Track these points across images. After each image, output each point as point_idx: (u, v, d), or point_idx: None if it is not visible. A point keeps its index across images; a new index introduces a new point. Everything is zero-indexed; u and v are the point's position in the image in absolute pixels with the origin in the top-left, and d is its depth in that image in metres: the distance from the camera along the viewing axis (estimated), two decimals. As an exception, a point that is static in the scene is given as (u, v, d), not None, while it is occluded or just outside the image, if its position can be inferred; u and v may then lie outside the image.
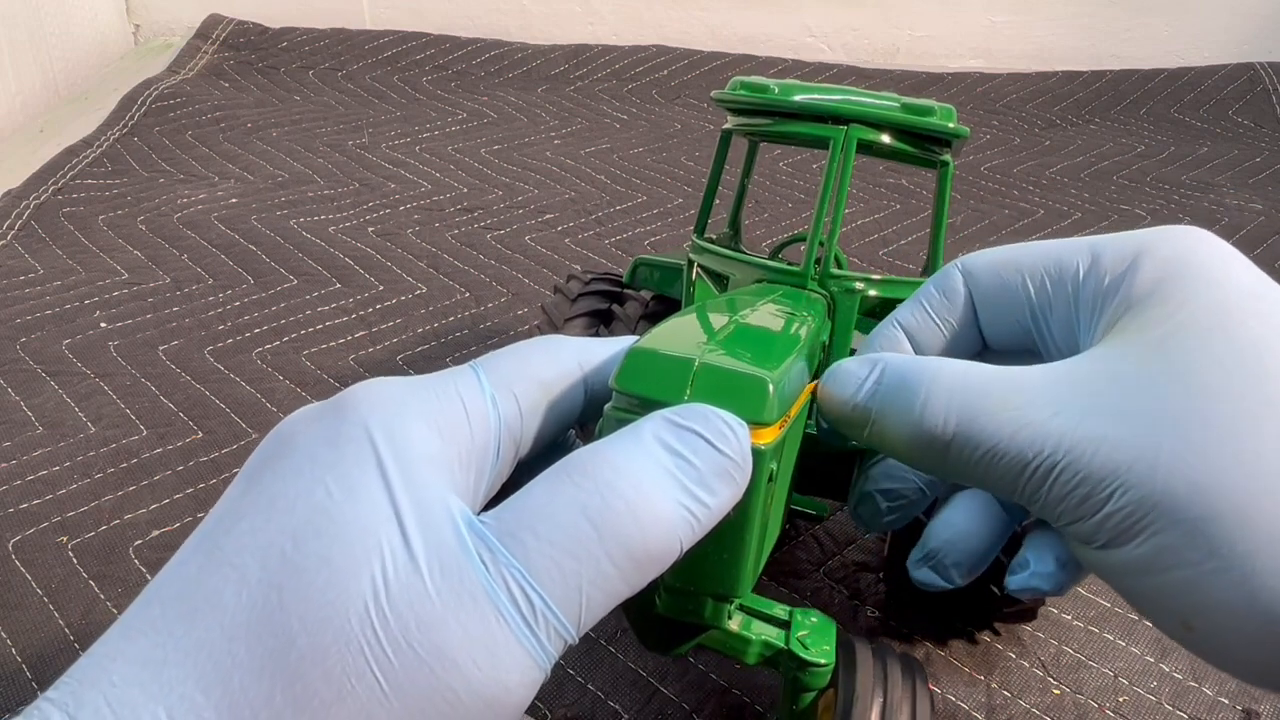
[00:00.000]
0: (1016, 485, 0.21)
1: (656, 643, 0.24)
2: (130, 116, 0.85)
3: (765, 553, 0.23)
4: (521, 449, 0.22)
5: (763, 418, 0.20)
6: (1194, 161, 0.84)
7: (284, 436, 0.19)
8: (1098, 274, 0.23)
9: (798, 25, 1.13)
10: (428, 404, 0.20)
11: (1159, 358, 0.20)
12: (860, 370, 0.24)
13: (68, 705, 0.16)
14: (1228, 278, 0.22)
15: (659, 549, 0.18)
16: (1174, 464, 0.19)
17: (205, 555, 0.18)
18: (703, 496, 0.19)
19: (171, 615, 0.17)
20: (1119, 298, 0.22)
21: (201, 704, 0.16)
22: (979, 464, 0.22)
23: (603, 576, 0.18)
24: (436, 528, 0.18)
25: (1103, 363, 0.21)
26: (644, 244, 0.66)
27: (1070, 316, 0.24)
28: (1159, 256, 0.23)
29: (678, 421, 0.19)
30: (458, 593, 0.17)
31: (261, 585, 0.17)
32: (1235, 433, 0.19)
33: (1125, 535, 0.20)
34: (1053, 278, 0.25)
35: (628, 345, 0.21)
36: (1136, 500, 0.19)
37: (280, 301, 0.56)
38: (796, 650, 0.23)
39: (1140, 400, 0.20)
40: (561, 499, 0.18)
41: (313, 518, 0.18)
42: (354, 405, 0.19)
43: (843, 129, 0.31)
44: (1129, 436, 0.20)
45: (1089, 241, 0.24)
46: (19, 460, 0.42)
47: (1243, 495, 0.19)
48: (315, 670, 0.16)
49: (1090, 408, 0.20)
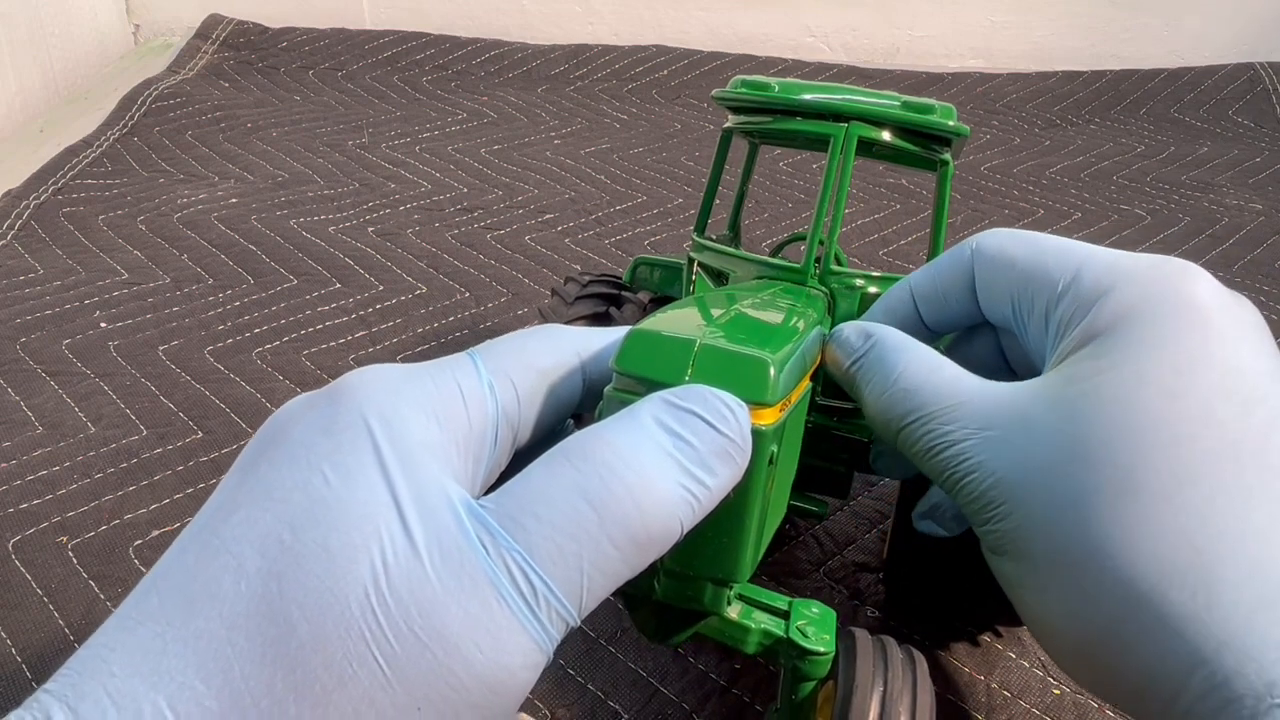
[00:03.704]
0: (939, 481, 0.25)
1: (655, 631, 0.24)
2: (130, 116, 0.85)
3: (766, 539, 0.23)
4: (519, 437, 0.22)
5: (764, 398, 0.20)
6: (1194, 161, 0.84)
7: (279, 425, 0.19)
8: (1072, 296, 0.24)
9: (798, 25, 1.13)
10: (424, 391, 0.20)
11: (1068, 417, 0.22)
12: (856, 340, 0.27)
13: (67, 697, 0.16)
14: (1179, 336, 0.22)
15: (659, 530, 0.18)
16: (1038, 512, 0.22)
17: (203, 545, 0.18)
18: (702, 477, 0.19)
19: (170, 605, 0.17)
20: (1082, 326, 0.24)
21: (203, 693, 0.16)
22: (916, 456, 0.25)
23: (604, 558, 0.18)
24: (436, 513, 0.18)
25: (1031, 401, 0.23)
26: (644, 244, 0.66)
27: (1041, 328, 0.25)
28: (1130, 294, 0.23)
29: (676, 402, 0.19)
30: (458, 577, 0.17)
31: (260, 574, 0.17)
32: (1091, 503, 0.21)
33: (999, 551, 0.23)
34: (1035, 288, 0.26)
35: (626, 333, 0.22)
36: (1007, 529, 0.23)
37: (280, 301, 0.56)
38: (796, 639, 0.23)
39: (1038, 452, 0.22)
40: (561, 481, 0.18)
41: (310, 506, 0.18)
42: (350, 392, 0.19)
43: (843, 126, 0.31)
44: (1019, 477, 0.22)
45: (1082, 257, 0.25)
46: (19, 460, 0.42)
47: (1078, 551, 0.21)
48: (316, 657, 0.16)
49: (1003, 441, 0.23)
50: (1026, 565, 0.23)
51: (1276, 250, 0.67)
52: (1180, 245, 0.67)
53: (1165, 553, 0.20)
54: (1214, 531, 0.20)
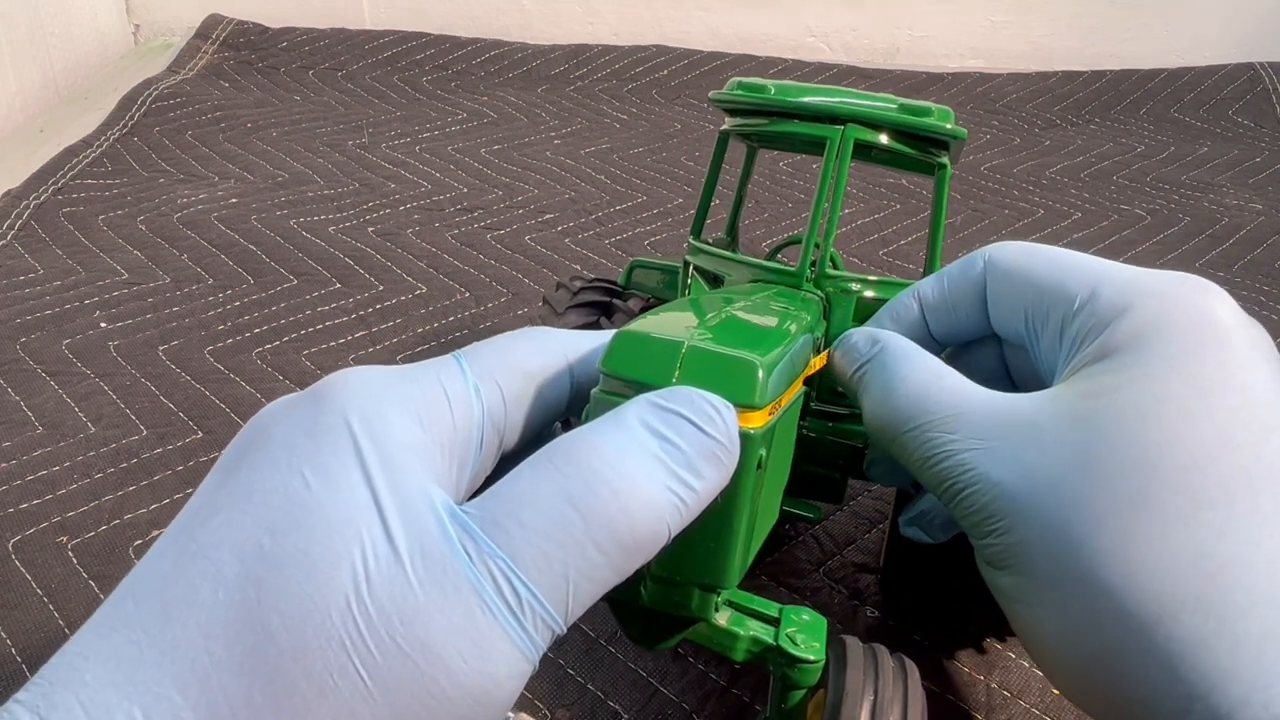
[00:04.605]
0: (938, 491, 0.24)
1: (642, 636, 0.23)
2: (130, 116, 0.85)
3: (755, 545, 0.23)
4: (505, 441, 0.21)
5: (752, 401, 0.20)
6: (1194, 161, 0.84)
7: (261, 427, 0.19)
8: (1089, 311, 0.24)
9: (798, 25, 1.13)
10: (408, 392, 0.19)
11: (1081, 430, 0.22)
12: (863, 345, 0.26)
13: (39, 707, 0.16)
14: (1198, 355, 0.22)
15: (646, 534, 0.18)
16: (1043, 527, 0.22)
17: (180, 550, 0.17)
18: (689, 480, 0.18)
19: (146, 612, 0.17)
20: (1098, 342, 0.23)
21: (179, 704, 0.16)
22: (915, 464, 0.24)
23: (590, 564, 0.17)
24: (418, 518, 0.17)
25: (1040, 412, 0.23)
26: (644, 244, 0.66)
27: (1055, 344, 0.25)
28: (1149, 311, 0.23)
29: (662, 405, 0.19)
30: (441, 584, 0.17)
31: (239, 580, 0.16)
32: (1101, 520, 0.21)
33: (998, 565, 0.23)
34: (1050, 303, 0.25)
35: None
36: (1009, 543, 0.22)
37: (280, 301, 0.56)
38: (786, 646, 0.23)
39: (1046, 464, 0.22)
40: (546, 486, 0.18)
41: (290, 510, 0.17)
42: (332, 394, 0.19)
43: (839, 128, 0.31)
44: (1025, 489, 0.22)
45: (1100, 273, 0.25)
46: (19, 460, 0.42)
47: (1083, 569, 0.21)
48: (296, 667, 0.16)
49: (1007, 452, 0.23)
50: (1027, 580, 0.22)
51: (1276, 250, 0.67)
52: (1180, 245, 0.67)
53: (1176, 576, 0.20)
54: (1226, 558, 0.20)
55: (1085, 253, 0.26)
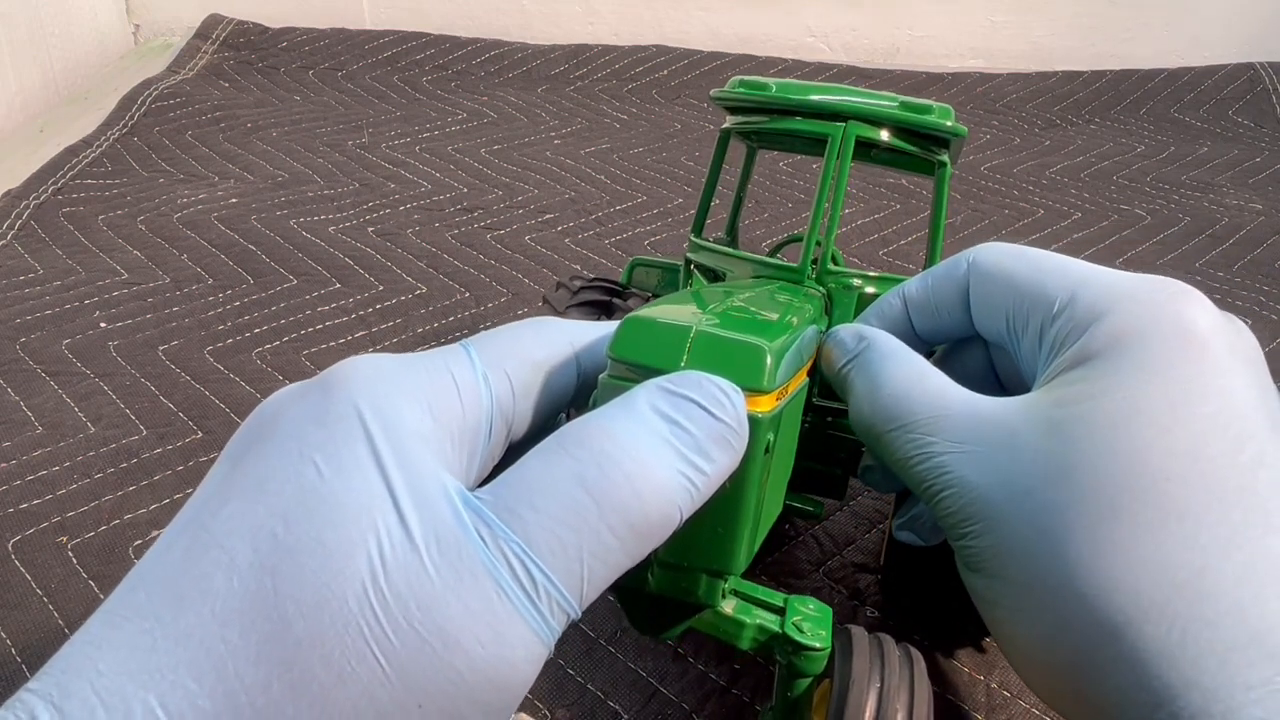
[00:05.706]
0: (918, 492, 0.24)
1: (648, 624, 0.24)
2: (130, 116, 0.85)
3: (762, 531, 0.23)
4: (514, 430, 0.21)
5: (760, 385, 0.20)
6: (1194, 161, 0.84)
7: (268, 416, 0.19)
8: (1067, 316, 0.24)
9: (798, 25, 1.13)
10: (418, 381, 0.19)
11: (1055, 439, 0.22)
12: (850, 341, 0.27)
13: (52, 696, 0.15)
14: (1174, 364, 0.22)
15: (658, 518, 0.18)
16: (1016, 532, 0.22)
17: (191, 539, 0.17)
18: (700, 463, 0.19)
19: (158, 600, 0.16)
20: (1076, 348, 0.23)
21: (195, 691, 0.16)
22: (897, 464, 0.25)
23: (603, 548, 0.18)
24: (432, 505, 0.17)
25: (1017, 418, 0.23)
26: (644, 244, 0.66)
27: (1035, 347, 0.25)
28: (1126, 317, 0.23)
29: (672, 389, 0.19)
30: (457, 570, 0.17)
31: (253, 569, 0.16)
32: (1071, 528, 0.21)
33: (974, 567, 0.24)
34: (1030, 306, 0.25)
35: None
36: (983, 546, 0.23)
37: (280, 301, 0.56)
38: (792, 634, 0.23)
39: (1020, 471, 0.22)
40: (558, 471, 0.18)
41: (303, 498, 0.17)
42: (341, 382, 0.19)
43: (840, 126, 0.31)
44: (999, 494, 0.22)
45: (1080, 277, 0.25)
46: (19, 460, 0.42)
47: (1054, 576, 0.21)
48: (314, 654, 0.16)
49: (985, 457, 0.23)
50: (1000, 584, 0.23)
51: (1276, 250, 0.67)
52: (1180, 245, 0.67)
53: (1143, 586, 0.20)
54: (1195, 569, 0.20)
55: (1085, 253, 0.26)
